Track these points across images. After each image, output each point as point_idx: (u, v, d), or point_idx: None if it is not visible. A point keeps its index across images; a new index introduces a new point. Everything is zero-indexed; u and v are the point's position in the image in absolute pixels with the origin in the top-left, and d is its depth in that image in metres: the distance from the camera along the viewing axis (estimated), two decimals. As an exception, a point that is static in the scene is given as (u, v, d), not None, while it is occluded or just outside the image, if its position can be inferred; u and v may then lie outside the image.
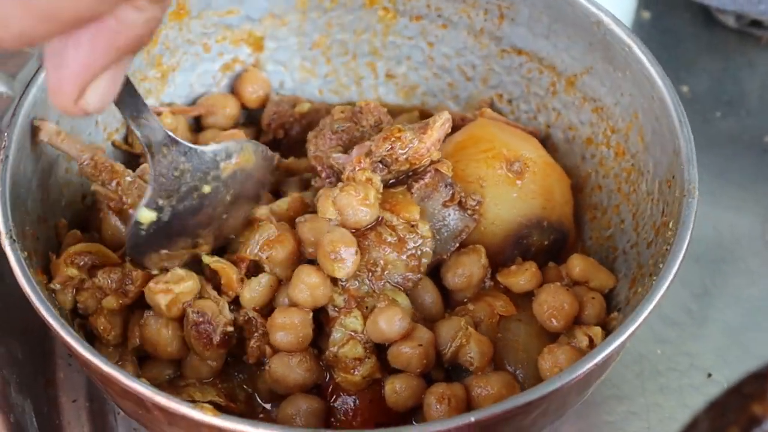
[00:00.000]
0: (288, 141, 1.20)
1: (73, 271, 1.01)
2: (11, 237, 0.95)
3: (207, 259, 1.03)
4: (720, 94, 1.38)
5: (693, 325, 1.20)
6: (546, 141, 1.17)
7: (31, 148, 1.03)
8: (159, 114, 1.14)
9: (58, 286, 1.01)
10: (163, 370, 1.04)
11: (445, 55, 1.20)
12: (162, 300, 1.00)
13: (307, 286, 0.99)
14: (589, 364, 0.90)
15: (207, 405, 0.88)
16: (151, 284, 1.01)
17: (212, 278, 1.03)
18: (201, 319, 0.99)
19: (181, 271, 1.01)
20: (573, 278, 1.07)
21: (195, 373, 1.02)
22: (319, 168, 1.08)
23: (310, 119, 1.19)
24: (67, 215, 1.09)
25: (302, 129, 1.19)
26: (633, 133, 1.08)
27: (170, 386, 1.02)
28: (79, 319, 1.04)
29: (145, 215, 0.98)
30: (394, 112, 1.22)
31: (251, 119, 1.23)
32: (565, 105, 1.15)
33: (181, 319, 1.01)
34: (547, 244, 1.09)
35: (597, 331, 1.02)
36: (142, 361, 1.04)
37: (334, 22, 1.20)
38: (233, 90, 1.22)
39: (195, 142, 1.03)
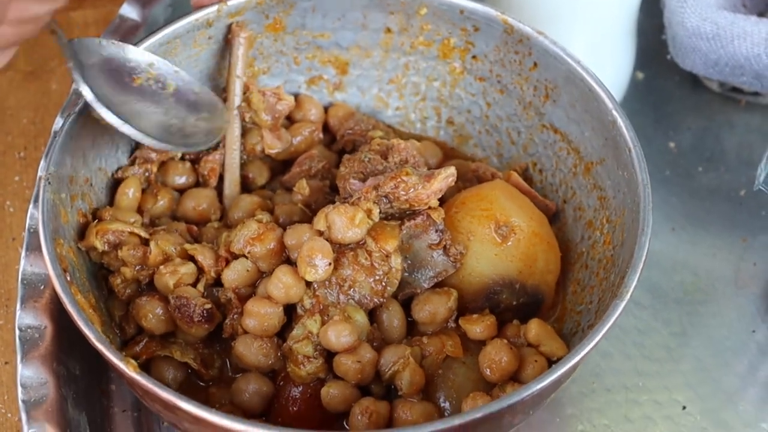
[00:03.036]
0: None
1: (98, 245, 1.08)
2: (48, 179, 1.05)
3: (187, 246, 1.10)
4: (702, 151, 1.39)
5: (671, 361, 1.23)
6: (559, 214, 1.19)
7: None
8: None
9: (83, 249, 1.09)
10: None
11: (498, 116, 1.23)
12: (170, 280, 1.08)
13: (282, 283, 1.05)
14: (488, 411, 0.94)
15: (132, 360, 0.96)
16: (161, 268, 1.09)
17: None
18: (180, 303, 1.07)
19: (179, 259, 1.09)
20: (527, 339, 1.09)
21: (183, 335, 1.09)
22: (340, 187, 1.14)
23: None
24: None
25: (368, 150, 1.24)
26: (618, 228, 1.09)
27: (161, 341, 1.09)
28: (104, 271, 1.12)
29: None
30: (449, 153, 1.27)
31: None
32: (580, 187, 1.17)
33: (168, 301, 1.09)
34: (516, 305, 1.12)
35: (525, 392, 1.04)
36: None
37: (411, 65, 1.24)
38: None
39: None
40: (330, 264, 1.05)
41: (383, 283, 1.07)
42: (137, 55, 1.13)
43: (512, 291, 1.11)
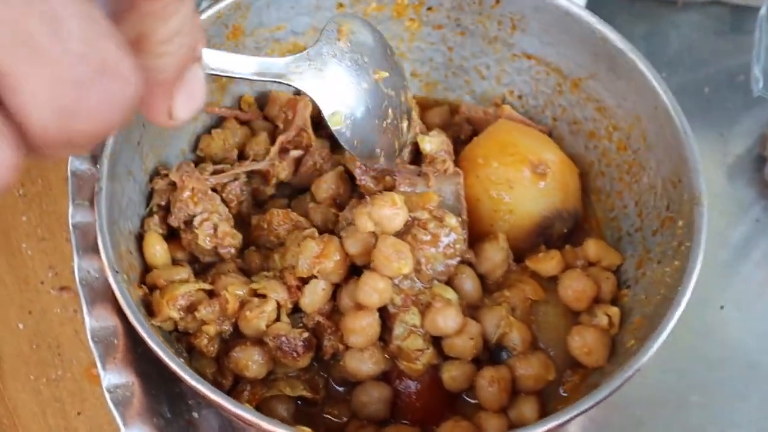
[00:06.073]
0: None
1: (174, 314, 0.98)
2: (114, 269, 0.93)
3: (255, 286, 1.01)
4: (660, 56, 1.37)
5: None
6: (552, 132, 1.16)
7: (117, 174, 1.00)
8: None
9: (159, 324, 0.98)
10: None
11: (462, 57, 1.18)
12: (261, 323, 0.98)
13: (374, 290, 0.97)
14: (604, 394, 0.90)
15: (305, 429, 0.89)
16: (247, 314, 0.99)
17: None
18: (280, 342, 0.98)
19: (256, 299, 1.00)
20: (588, 259, 1.07)
21: (282, 369, 1.01)
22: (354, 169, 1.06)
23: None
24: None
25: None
26: (635, 133, 1.08)
27: (263, 382, 1.00)
28: (176, 332, 1.01)
29: (335, 119, 0.93)
30: (424, 104, 1.20)
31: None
32: (570, 103, 1.14)
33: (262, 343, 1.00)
34: (566, 231, 1.09)
35: (615, 311, 1.02)
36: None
37: (365, 32, 1.16)
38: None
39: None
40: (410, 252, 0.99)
41: (452, 246, 1.01)
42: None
43: (561, 220, 1.08)
